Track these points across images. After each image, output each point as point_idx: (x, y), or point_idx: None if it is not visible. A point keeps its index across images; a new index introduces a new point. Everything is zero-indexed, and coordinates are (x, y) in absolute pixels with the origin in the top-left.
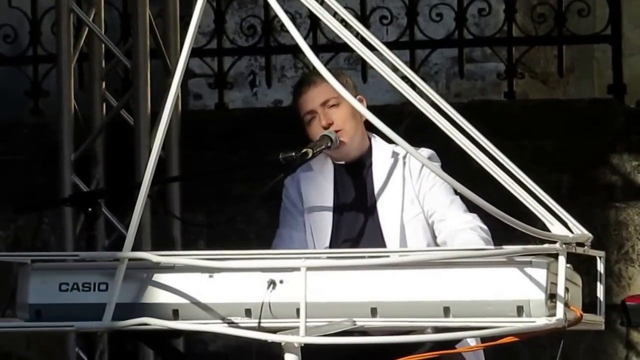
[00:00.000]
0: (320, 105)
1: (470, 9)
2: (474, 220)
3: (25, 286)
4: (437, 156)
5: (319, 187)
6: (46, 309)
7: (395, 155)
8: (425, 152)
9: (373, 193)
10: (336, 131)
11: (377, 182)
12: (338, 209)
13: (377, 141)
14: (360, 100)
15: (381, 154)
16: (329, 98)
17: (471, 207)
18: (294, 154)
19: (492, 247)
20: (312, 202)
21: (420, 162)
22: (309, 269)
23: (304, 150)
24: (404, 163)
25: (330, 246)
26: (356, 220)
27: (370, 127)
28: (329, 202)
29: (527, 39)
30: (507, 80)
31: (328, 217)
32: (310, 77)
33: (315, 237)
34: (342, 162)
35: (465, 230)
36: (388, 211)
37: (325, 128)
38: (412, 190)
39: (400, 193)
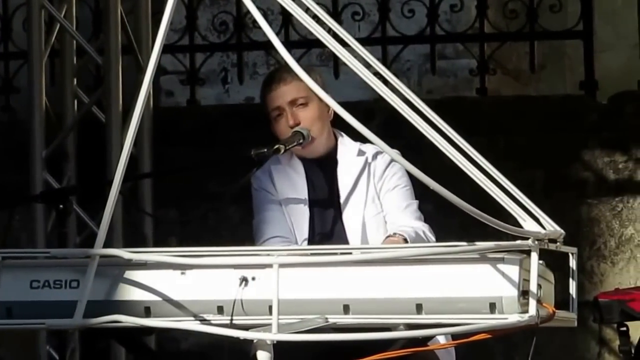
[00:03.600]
0: (288, 103)
1: (442, 5)
2: (422, 227)
3: None
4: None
5: (292, 180)
6: (17, 306)
7: (361, 153)
8: (395, 152)
9: (338, 192)
10: (301, 131)
11: (342, 179)
12: (313, 203)
13: (343, 138)
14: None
15: (347, 151)
16: (298, 97)
17: (434, 214)
18: (266, 150)
19: (465, 243)
20: (286, 194)
21: (394, 159)
22: (281, 265)
23: (276, 147)
24: (369, 162)
25: (308, 239)
26: (326, 215)
27: (338, 124)
28: (304, 195)
29: (498, 35)
30: (479, 77)
31: (305, 210)
32: (280, 73)
33: (295, 230)
34: (310, 158)
35: (408, 231)
36: (351, 208)
37: (292, 127)
38: (374, 189)
39: (364, 191)
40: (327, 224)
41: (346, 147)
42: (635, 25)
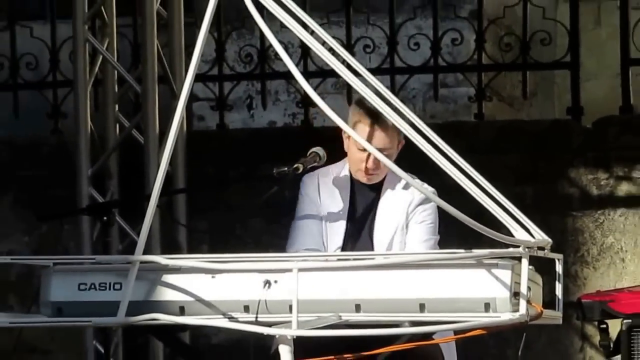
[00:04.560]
0: (375, 148)
1: (444, 39)
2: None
3: (47, 286)
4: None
5: (334, 194)
6: (67, 306)
7: (406, 187)
8: (429, 189)
9: (375, 216)
10: (372, 173)
11: (382, 206)
12: (350, 220)
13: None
14: (400, 143)
15: (394, 182)
16: (386, 148)
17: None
18: (286, 169)
19: (463, 250)
20: (327, 206)
21: (428, 197)
22: (299, 270)
23: (296, 166)
24: (410, 195)
25: (341, 251)
26: (359, 233)
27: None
28: (345, 211)
29: (494, 65)
30: (477, 103)
31: (342, 224)
32: (383, 116)
33: (329, 240)
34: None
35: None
36: (382, 233)
37: (368, 169)
38: (405, 218)
39: (397, 220)
40: (358, 242)
41: (394, 177)
42: (617, 57)
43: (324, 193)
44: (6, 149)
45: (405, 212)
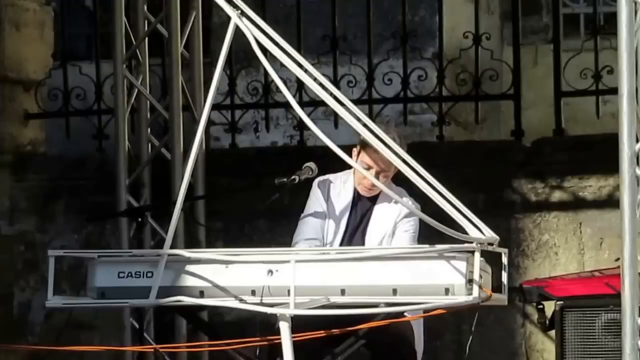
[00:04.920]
0: (378, 168)
1: (412, 75)
2: None
3: (93, 274)
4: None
5: (342, 199)
6: (108, 290)
7: (395, 202)
8: (410, 201)
9: (368, 222)
10: (371, 189)
11: (375, 215)
12: (349, 222)
13: (390, 185)
14: (391, 169)
15: (387, 196)
16: (386, 170)
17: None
18: (285, 179)
19: (428, 245)
20: (333, 207)
21: (408, 208)
22: (296, 261)
23: (292, 177)
24: (399, 209)
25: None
26: (355, 234)
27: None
28: (346, 214)
29: (452, 97)
30: (438, 127)
31: (343, 225)
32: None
33: (329, 237)
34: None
35: None
36: (373, 236)
37: (367, 186)
38: (393, 226)
39: (386, 228)
40: (352, 241)
41: (386, 193)
42: (551, 90)
43: (332, 196)
44: (59, 164)
45: (394, 222)
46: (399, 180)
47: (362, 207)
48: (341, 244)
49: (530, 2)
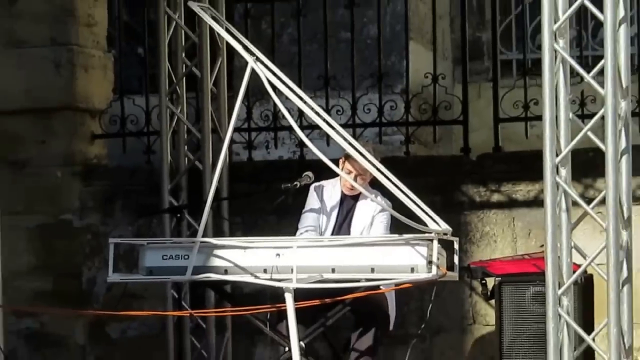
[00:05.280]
0: (357, 173)
1: (385, 106)
2: None
3: (143, 257)
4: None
5: (333, 198)
6: (155, 269)
7: (371, 196)
8: (383, 200)
9: (352, 216)
10: (351, 189)
11: (357, 210)
12: (339, 217)
13: (367, 187)
14: (369, 173)
15: (365, 196)
16: (362, 174)
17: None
18: (289, 185)
19: (397, 235)
20: (326, 205)
21: (380, 205)
22: (298, 247)
23: (295, 183)
24: (375, 205)
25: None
26: (343, 225)
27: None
28: (336, 210)
29: (416, 122)
30: (405, 145)
31: (333, 218)
32: (365, 154)
33: (322, 227)
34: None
35: None
36: (356, 226)
37: (348, 187)
38: (371, 219)
39: (366, 219)
40: (341, 231)
41: (367, 192)
42: (491, 117)
43: (325, 196)
44: (117, 173)
45: (372, 216)
46: (375, 185)
47: (347, 204)
48: (332, 233)
49: (475, 50)
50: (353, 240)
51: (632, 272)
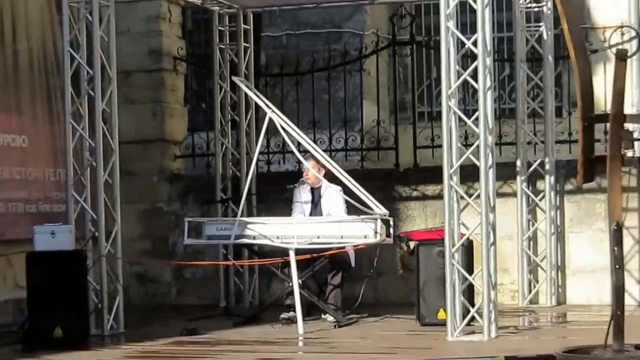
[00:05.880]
0: (311, 173)
1: (349, 139)
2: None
3: (204, 229)
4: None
5: (306, 193)
6: (212, 236)
7: (329, 187)
8: (337, 187)
9: (320, 202)
10: (314, 181)
11: (323, 198)
12: (313, 205)
13: (324, 182)
14: (323, 171)
15: (325, 187)
16: (319, 170)
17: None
18: (292, 185)
19: (356, 216)
20: (303, 198)
21: (336, 193)
22: (297, 223)
23: (295, 185)
24: (334, 192)
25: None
26: (315, 210)
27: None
28: (309, 199)
29: (367, 148)
30: (361, 162)
31: (309, 206)
32: (312, 161)
33: (305, 211)
34: (313, 187)
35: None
36: (324, 209)
37: (309, 177)
38: (334, 203)
39: (329, 205)
40: (316, 212)
41: (324, 185)
42: (412, 145)
43: (301, 192)
44: (190, 179)
45: (335, 201)
46: (340, 183)
47: (316, 194)
48: (311, 215)
49: (402, 105)
50: (329, 219)
51: (496, 238)
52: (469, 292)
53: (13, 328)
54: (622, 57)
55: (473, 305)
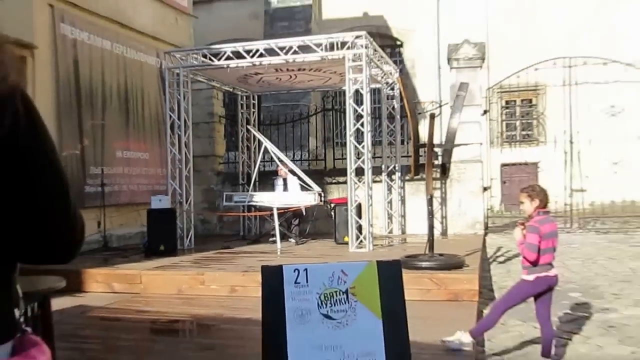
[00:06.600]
0: (283, 171)
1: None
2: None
3: (232, 197)
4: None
5: (280, 181)
6: (237, 201)
7: (292, 178)
8: (294, 177)
9: (287, 185)
10: (282, 175)
11: (288, 184)
12: (284, 187)
13: (289, 175)
14: (287, 168)
15: (289, 177)
16: (285, 169)
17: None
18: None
19: (307, 192)
20: (279, 184)
21: (295, 180)
22: (276, 195)
23: (274, 177)
24: (292, 180)
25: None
26: (285, 189)
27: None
28: (282, 184)
29: (310, 159)
30: (308, 166)
31: (281, 188)
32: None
33: (280, 191)
34: (283, 177)
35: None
36: (290, 188)
37: (281, 174)
38: (291, 185)
39: (290, 186)
40: (285, 190)
41: (289, 176)
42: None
43: (278, 181)
44: (226, 175)
45: (293, 184)
46: (296, 175)
47: (285, 182)
48: (283, 191)
49: (328, 139)
50: (292, 193)
51: (373, 203)
52: (359, 228)
53: (140, 246)
54: (432, 116)
55: (361, 234)
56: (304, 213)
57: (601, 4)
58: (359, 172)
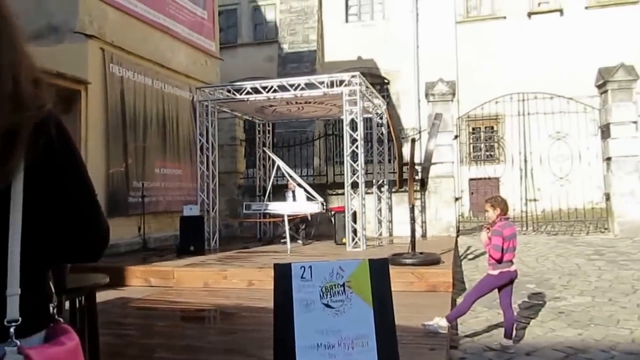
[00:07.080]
0: (292, 184)
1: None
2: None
3: (251, 206)
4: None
5: (289, 193)
6: (254, 209)
7: (299, 190)
8: (301, 190)
9: (295, 196)
10: (292, 188)
11: (296, 195)
12: (292, 198)
13: (297, 188)
14: (295, 183)
15: (297, 190)
16: (294, 184)
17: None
18: (288, 189)
19: (312, 202)
20: (288, 195)
21: (302, 192)
22: (287, 204)
23: (285, 189)
24: (299, 192)
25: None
26: (293, 200)
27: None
28: (291, 195)
29: (314, 175)
30: (313, 180)
31: (291, 199)
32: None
33: (290, 201)
34: (292, 190)
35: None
36: (298, 199)
37: (290, 187)
38: (299, 197)
39: (298, 197)
40: (293, 201)
41: (297, 189)
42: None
43: (288, 192)
44: (245, 187)
45: (300, 195)
46: (302, 188)
47: (294, 193)
48: (292, 201)
49: (329, 158)
50: (299, 203)
51: (365, 210)
52: (354, 231)
53: (173, 247)
54: (413, 141)
55: (356, 236)
56: (310, 219)
57: (549, 51)
58: (354, 185)
